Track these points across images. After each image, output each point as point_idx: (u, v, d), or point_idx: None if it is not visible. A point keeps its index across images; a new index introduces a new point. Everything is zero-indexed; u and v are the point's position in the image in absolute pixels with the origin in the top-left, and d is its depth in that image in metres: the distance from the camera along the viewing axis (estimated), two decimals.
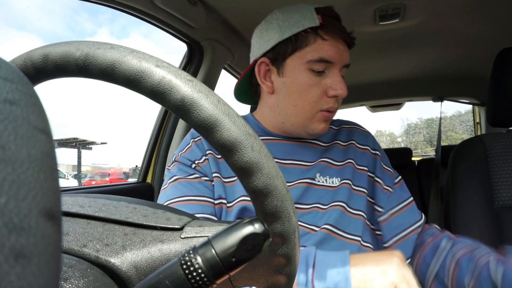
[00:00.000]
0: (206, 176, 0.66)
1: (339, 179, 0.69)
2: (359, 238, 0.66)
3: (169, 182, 0.66)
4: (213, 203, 0.65)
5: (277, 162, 0.69)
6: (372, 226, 0.71)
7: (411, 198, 0.73)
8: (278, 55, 0.67)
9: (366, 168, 0.73)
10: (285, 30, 0.66)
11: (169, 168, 0.69)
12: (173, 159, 0.69)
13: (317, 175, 0.69)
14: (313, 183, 0.68)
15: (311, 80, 0.65)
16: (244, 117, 0.77)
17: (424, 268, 0.65)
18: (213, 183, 0.66)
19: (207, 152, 0.68)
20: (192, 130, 0.75)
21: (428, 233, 0.69)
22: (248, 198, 0.64)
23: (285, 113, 0.69)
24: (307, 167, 0.69)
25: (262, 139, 0.71)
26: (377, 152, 0.76)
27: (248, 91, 0.80)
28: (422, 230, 0.72)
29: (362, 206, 0.69)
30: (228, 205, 0.65)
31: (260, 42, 0.70)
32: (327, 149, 0.73)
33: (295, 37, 0.65)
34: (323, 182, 0.68)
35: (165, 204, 0.60)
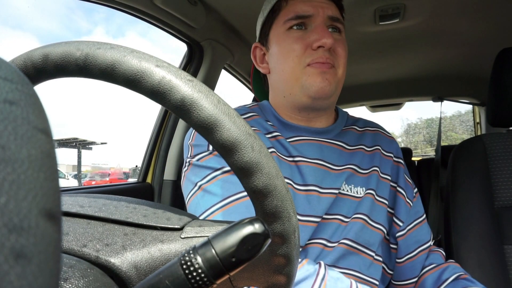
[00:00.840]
0: None
1: (364, 188, 0.65)
2: (373, 253, 0.63)
3: (216, 176, 0.57)
4: None
5: (305, 161, 0.64)
6: (389, 241, 0.69)
7: (425, 215, 0.72)
8: (264, 34, 0.70)
9: (389, 178, 0.69)
10: (264, 10, 0.69)
11: (200, 158, 0.60)
12: (207, 149, 0.60)
13: (343, 183, 0.64)
14: (340, 192, 0.64)
15: (293, 37, 0.63)
16: (261, 104, 0.74)
17: None
18: None
19: None
20: None
21: (432, 258, 0.68)
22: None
23: (281, 84, 0.66)
24: (335, 171, 0.65)
25: (292, 140, 0.66)
26: (400, 161, 0.72)
27: (265, 91, 0.80)
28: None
29: (383, 219, 0.65)
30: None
31: (256, 35, 0.74)
32: (352, 153, 0.68)
33: (272, 11, 0.67)
34: (347, 191, 0.64)
35: (222, 203, 0.55)
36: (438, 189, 1.40)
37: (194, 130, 0.63)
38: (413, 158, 2.15)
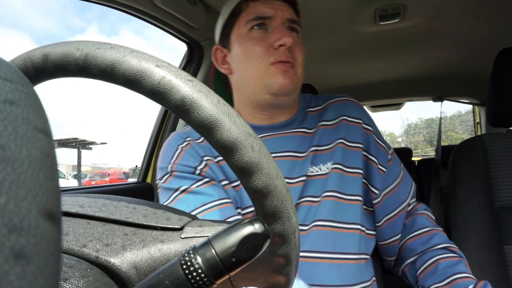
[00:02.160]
0: (214, 180, 0.63)
1: (331, 162, 0.66)
2: (358, 226, 0.64)
3: (176, 196, 0.60)
4: (232, 203, 0.62)
5: (273, 156, 0.65)
6: (367, 207, 0.69)
7: (401, 173, 0.71)
8: (225, 36, 0.71)
9: (360, 145, 0.68)
10: (224, 13, 0.71)
11: (165, 181, 0.64)
12: (167, 171, 0.64)
13: (309, 166, 0.66)
14: (308, 175, 0.65)
15: (255, 38, 0.65)
16: None
17: (413, 272, 0.68)
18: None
19: (205, 157, 0.64)
20: (173, 136, 0.70)
21: (420, 223, 0.70)
22: None
23: (244, 83, 0.68)
24: (300, 158, 0.66)
25: None
26: (370, 128, 0.71)
27: (227, 93, 0.78)
28: (413, 209, 0.72)
29: (358, 189, 0.65)
30: (242, 212, 0.63)
31: (216, 38, 0.75)
32: (313, 135, 0.69)
33: (232, 13, 0.68)
34: (317, 171, 0.65)
35: None
36: (438, 189, 1.40)
37: (161, 152, 0.68)
38: (413, 158, 2.15)
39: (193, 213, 0.56)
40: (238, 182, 0.64)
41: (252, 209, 0.62)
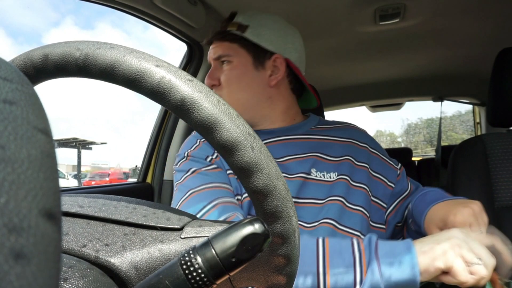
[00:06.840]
0: (221, 168, 0.68)
1: (336, 173, 0.70)
2: (358, 233, 0.66)
3: (186, 176, 0.66)
4: (233, 192, 0.66)
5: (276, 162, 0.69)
6: (373, 224, 0.71)
7: (408, 189, 0.76)
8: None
9: (366, 165, 0.73)
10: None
11: (179, 165, 0.70)
12: (184, 155, 0.70)
13: (313, 170, 0.70)
14: (310, 177, 0.69)
15: None
16: None
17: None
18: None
19: None
20: (194, 133, 0.77)
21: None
22: None
23: None
24: (301, 159, 0.71)
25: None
26: (376, 151, 0.77)
27: None
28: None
29: (361, 201, 0.69)
30: (241, 198, 0.67)
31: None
32: (320, 143, 0.74)
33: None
34: (320, 177, 0.69)
35: (186, 194, 0.62)
36: None
37: (182, 146, 0.74)
38: (413, 158, 2.15)
39: (195, 189, 0.61)
40: None
41: (242, 197, 0.66)
